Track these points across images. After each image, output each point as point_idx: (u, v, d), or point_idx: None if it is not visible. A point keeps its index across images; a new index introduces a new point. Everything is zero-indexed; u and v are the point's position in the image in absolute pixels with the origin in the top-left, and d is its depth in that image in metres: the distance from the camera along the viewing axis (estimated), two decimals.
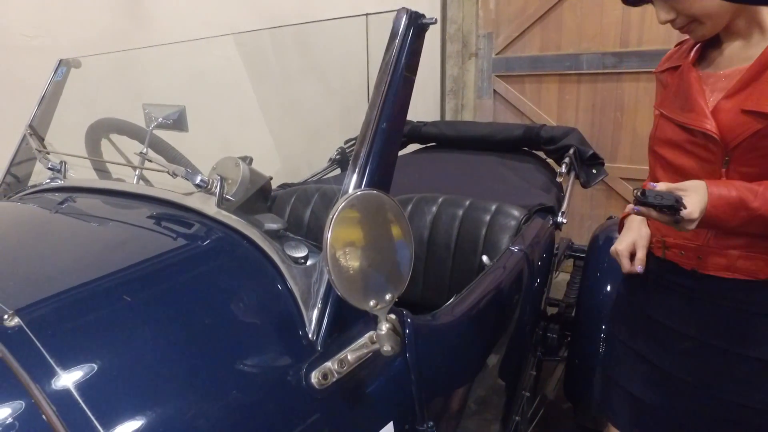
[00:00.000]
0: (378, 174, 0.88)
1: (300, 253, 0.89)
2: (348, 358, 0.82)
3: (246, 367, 0.75)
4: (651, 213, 0.91)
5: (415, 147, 2.64)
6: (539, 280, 1.60)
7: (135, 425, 0.63)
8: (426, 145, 2.62)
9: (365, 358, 0.84)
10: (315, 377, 0.78)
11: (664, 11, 1.00)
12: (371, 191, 0.77)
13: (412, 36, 0.93)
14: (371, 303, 0.76)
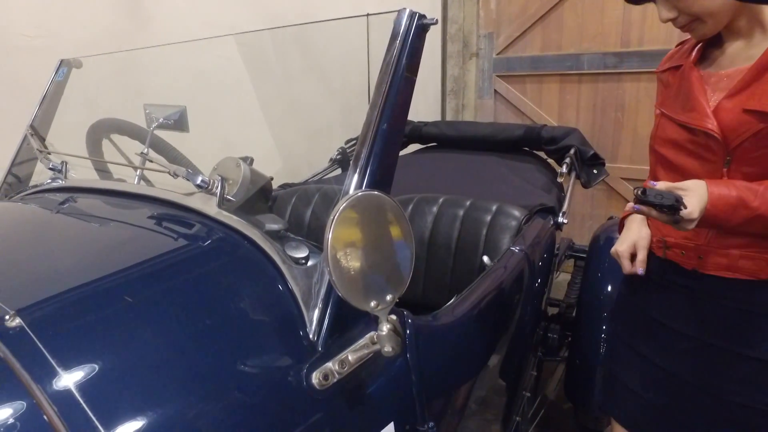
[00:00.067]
0: (379, 174, 0.89)
1: (301, 254, 0.89)
2: (349, 358, 0.82)
3: (247, 368, 0.75)
4: (651, 212, 0.91)
5: (416, 147, 2.63)
6: (540, 280, 1.60)
7: (136, 425, 0.63)
8: (427, 146, 2.61)
9: (366, 358, 0.84)
10: (316, 378, 0.78)
11: (665, 9, 1.00)
12: (372, 192, 0.77)
13: (413, 36, 0.93)
14: (372, 304, 0.76)
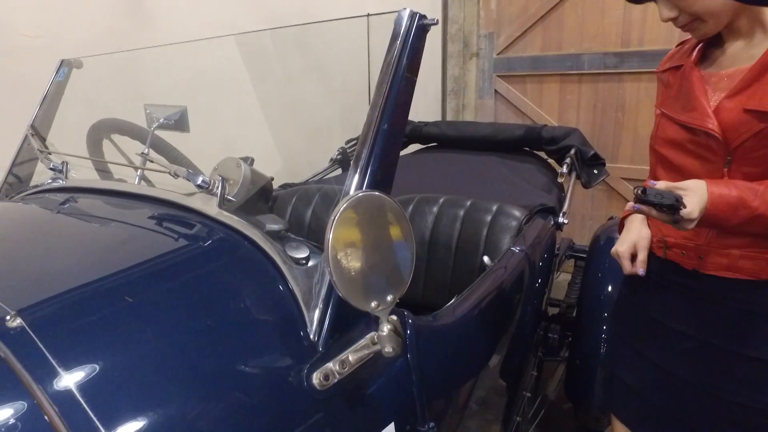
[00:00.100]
0: (379, 175, 0.89)
1: (301, 254, 0.89)
2: (349, 358, 0.82)
3: (247, 368, 0.75)
4: (651, 212, 0.91)
5: (417, 147, 2.64)
6: (540, 280, 1.60)
7: (137, 426, 0.63)
8: (427, 146, 2.61)
9: (366, 359, 0.84)
10: (316, 378, 0.78)
11: (666, 9, 1.00)
12: (373, 192, 0.77)
13: (413, 37, 0.93)
14: (372, 304, 0.76)
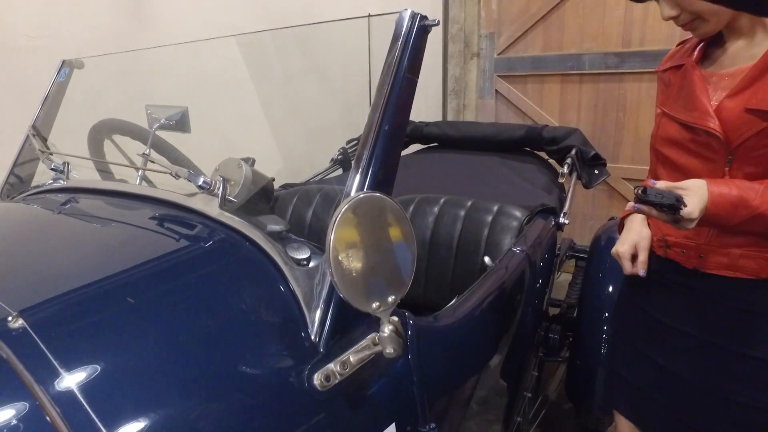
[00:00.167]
0: (380, 176, 0.89)
1: (302, 255, 0.89)
2: (350, 359, 0.82)
3: (248, 369, 0.75)
4: (651, 211, 0.91)
5: (417, 147, 2.64)
6: (541, 280, 1.60)
7: (138, 426, 0.63)
8: (428, 146, 2.61)
9: (367, 359, 0.84)
10: (317, 379, 0.78)
11: (668, 7, 1.00)
12: (374, 194, 0.77)
13: (414, 38, 0.93)
14: (374, 305, 0.76)
